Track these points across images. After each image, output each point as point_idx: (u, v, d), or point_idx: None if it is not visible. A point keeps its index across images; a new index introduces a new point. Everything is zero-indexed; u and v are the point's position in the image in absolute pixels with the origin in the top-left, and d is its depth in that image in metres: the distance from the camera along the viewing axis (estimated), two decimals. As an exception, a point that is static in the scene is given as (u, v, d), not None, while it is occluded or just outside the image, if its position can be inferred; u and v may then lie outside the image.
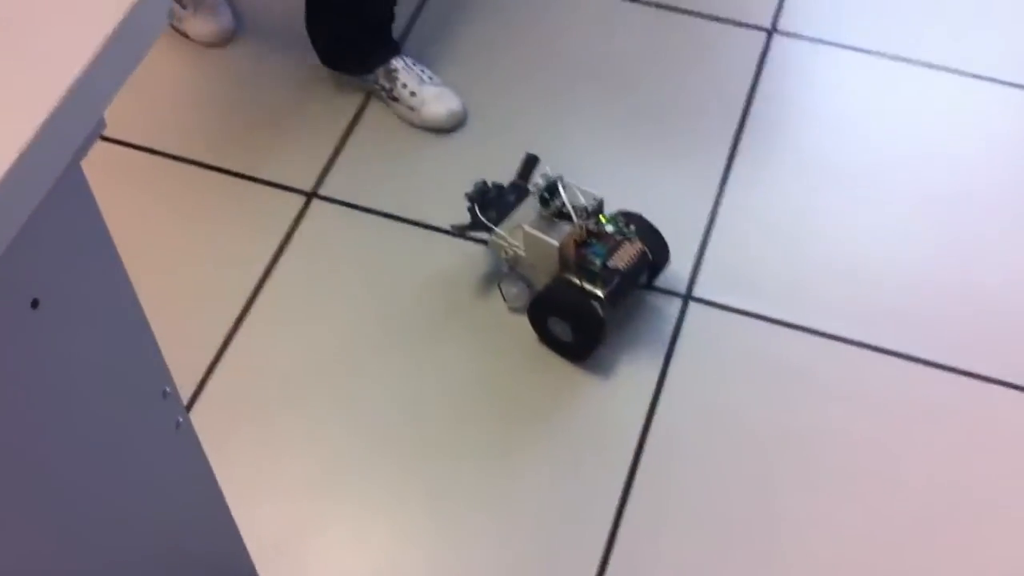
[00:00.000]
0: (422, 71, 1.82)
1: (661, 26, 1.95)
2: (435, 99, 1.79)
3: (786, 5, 1.98)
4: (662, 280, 1.63)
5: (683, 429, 1.50)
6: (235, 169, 1.77)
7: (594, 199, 1.52)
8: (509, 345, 1.57)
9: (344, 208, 1.73)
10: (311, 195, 1.75)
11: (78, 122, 0.68)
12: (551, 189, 1.50)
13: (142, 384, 0.91)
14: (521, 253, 1.54)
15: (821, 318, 1.60)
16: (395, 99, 1.80)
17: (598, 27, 1.96)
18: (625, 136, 1.81)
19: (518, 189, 1.60)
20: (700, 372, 1.55)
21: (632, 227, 1.53)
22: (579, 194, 1.51)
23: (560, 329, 1.52)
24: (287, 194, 1.75)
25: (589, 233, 1.50)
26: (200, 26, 1.91)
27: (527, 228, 1.51)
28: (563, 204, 1.50)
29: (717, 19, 1.96)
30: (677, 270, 1.65)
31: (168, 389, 0.95)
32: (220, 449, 1.12)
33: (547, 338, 1.55)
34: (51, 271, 0.74)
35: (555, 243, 1.49)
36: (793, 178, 1.76)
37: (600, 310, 1.48)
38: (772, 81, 1.87)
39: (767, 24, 1.95)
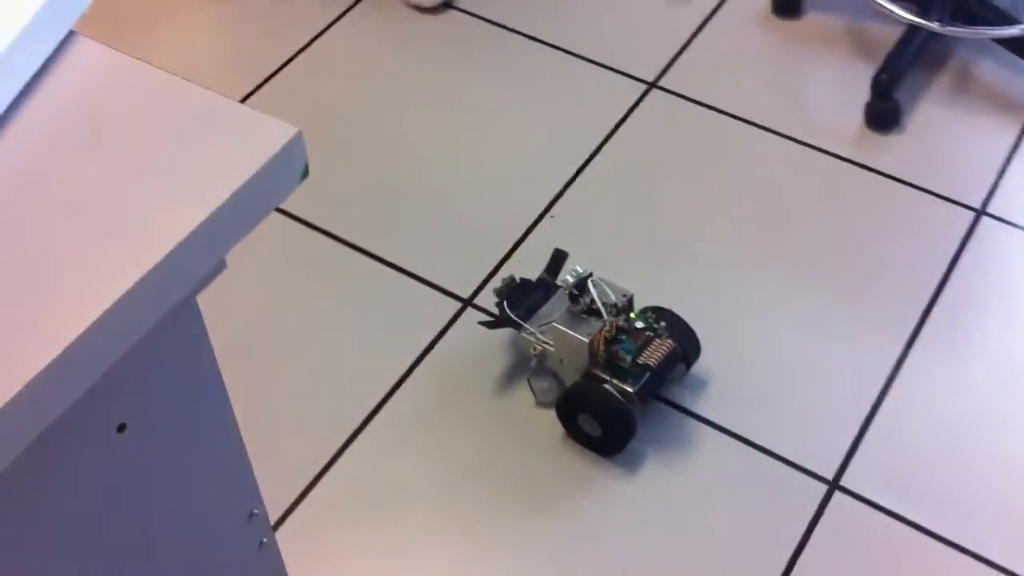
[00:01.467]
0: None
1: (864, 190, 1.86)
2: None
3: (1001, 187, 1.85)
4: (810, 460, 1.53)
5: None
6: (402, 265, 1.78)
7: (624, 295, 1.54)
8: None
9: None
10: (467, 303, 1.73)
11: (195, 263, 0.67)
12: (580, 286, 1.52)
13: (228, 507, 0.89)
14: (550, 349, 1.55)
15: (978, 539, 1.46)
16: None
17: (801, 184, 1.88)
18: (804, 295, 1.72)
19: (546, 285, 1.61)
20: (834, 568, 1.44)
21: (662, 323, 1.54)
22: (609, 291, 1.53)
23: (590, 425, 1.52)
24: (445, 299, 1.74)
25: (619, 330, 1.50)
26: None
27: (556, 325, 1.52)
28: (592, 301, 1.50)
29: (925, 189, 1.85)
30: (828, 452, 1.54)
31: (256, 511, 0.93)
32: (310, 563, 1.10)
33: (576, 433, 1.55)
34: (142, 398, 0.73)
35: (584, 340, 1.49)
36: (978, 375, 1.62)
37: (630, 407, 1.49)
38: (972, 265, 1.75)
39: (977, 204, 1.83)
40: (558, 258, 1.65)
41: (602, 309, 1.51)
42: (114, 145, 0.68)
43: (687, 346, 1.56)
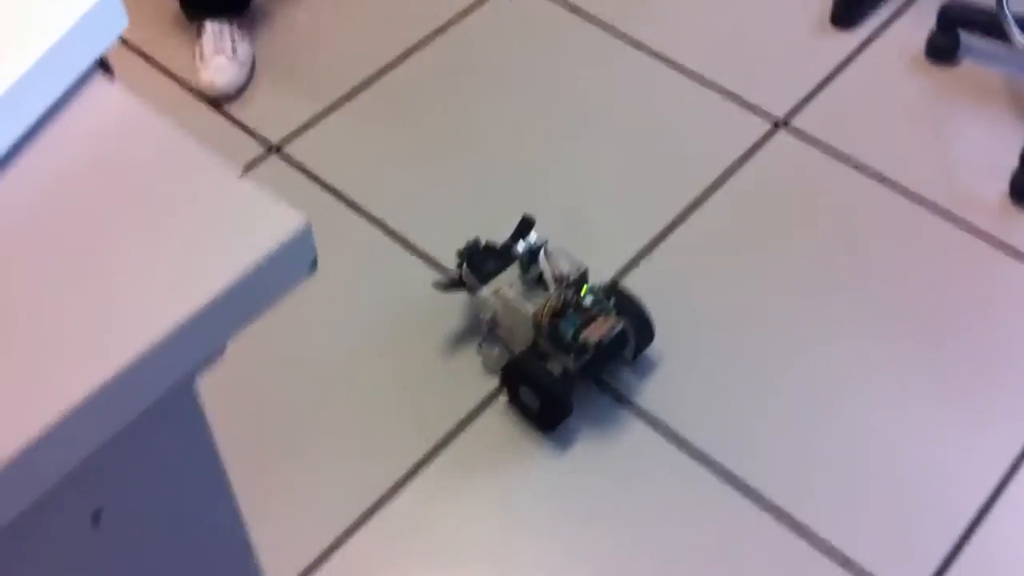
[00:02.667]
0: (233, 42, 1.90)
1: (995, 268, 1.70)
2: (214, 69, 1.88)
3: None
4: (900, 568, 1.39)
5: None
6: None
7: (578, 269, 1.49)
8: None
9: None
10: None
11: (185, 354, 0.60)
12: (532, 255, 1.48)
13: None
14: (500, 317, 1.52)
15: None
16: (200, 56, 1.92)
17: (927, 251, 1.73)
18: (915, 376, 1.57)
19: (508, 252, 1.57)
20: None
21: (612, 300, 1.49)
22: (564, 262, 1.48)
23: (530, 398, 1.50)
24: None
25: (566, 304, 1.45)
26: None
27: (504, 294, 1.49)
28: (541, 272, 1.47)
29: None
30: (920, 562, 1.40)
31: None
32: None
33: (518, 402, 1.53)
34: (122, 485, 0.66)
35: (529, 311, 1.46)
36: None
37: (566, 387, 1.47)
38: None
39: None
40: (524, 225, 1.59)
41: (550, 282, 1.47)
42: (112, 213, 0.61)
43: (639, 329, 1.51)
